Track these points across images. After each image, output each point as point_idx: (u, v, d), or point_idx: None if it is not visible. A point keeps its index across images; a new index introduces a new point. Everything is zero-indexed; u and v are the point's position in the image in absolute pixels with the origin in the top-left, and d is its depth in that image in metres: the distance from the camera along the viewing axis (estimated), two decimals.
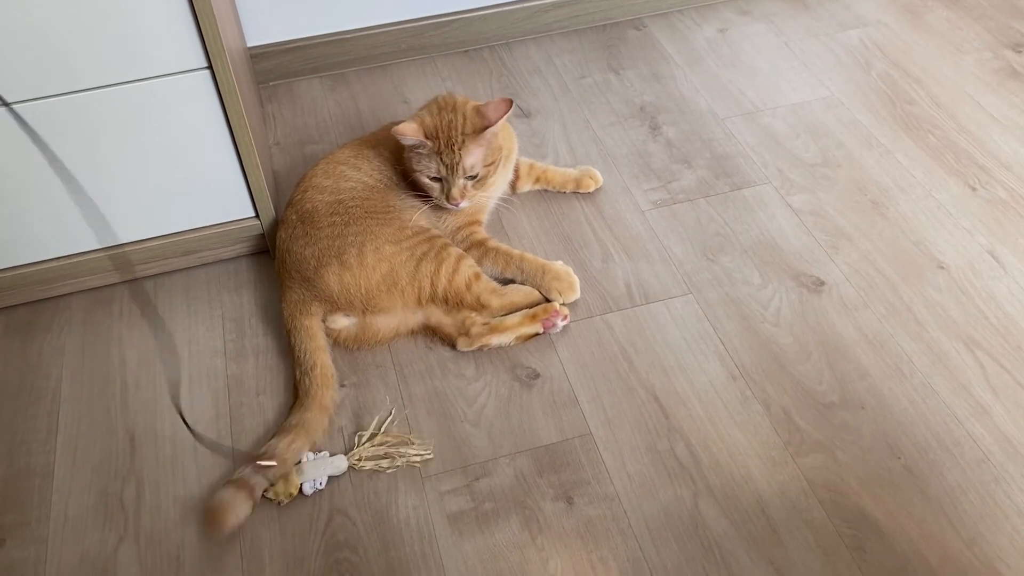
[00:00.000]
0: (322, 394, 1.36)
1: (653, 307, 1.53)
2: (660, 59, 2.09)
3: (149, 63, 1.32)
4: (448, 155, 1.46)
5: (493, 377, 1.43)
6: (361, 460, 1.32)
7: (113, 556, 1.23)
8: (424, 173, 1.49)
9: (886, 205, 1.70)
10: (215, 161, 1.47)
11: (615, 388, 1.41)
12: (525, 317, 1.47)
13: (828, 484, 1.28)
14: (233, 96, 1.39)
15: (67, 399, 1.42)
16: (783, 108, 1.94)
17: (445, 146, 1.46)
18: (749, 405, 1.38)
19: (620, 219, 1.70)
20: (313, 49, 2.03)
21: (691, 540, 1.23)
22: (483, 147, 1.49)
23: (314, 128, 1.93)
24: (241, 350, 1.49)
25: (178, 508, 1.28)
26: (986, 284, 1.55)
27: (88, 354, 1.49)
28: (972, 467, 1.30)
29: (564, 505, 1.27)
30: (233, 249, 1.63)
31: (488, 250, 1.56)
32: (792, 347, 1.46)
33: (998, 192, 1.71)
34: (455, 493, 1.29)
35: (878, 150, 1.82)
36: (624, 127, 1.90)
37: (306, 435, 1.31)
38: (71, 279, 1.56)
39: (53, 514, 1.28)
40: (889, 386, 1.40)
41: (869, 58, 2.06)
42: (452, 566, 1.21)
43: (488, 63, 2.10)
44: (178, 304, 1.56)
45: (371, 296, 1.43)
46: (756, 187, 1.75)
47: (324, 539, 1.24)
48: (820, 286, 1.55)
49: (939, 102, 1.93)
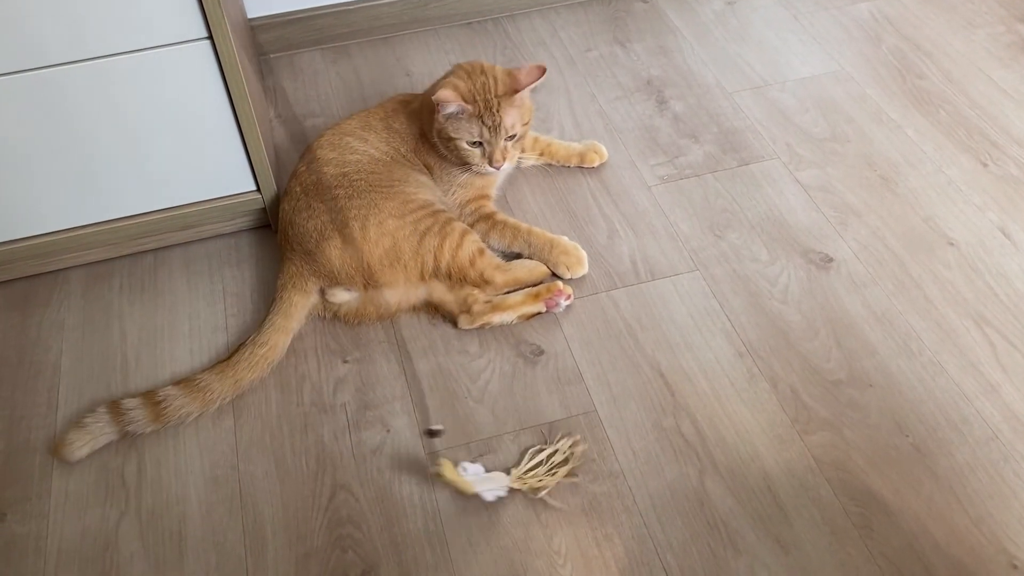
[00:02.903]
0: (245, 375, 1.36)
1: (659, 283, 1.52)
2: (667, 32, 2.05)
3: (148, 33, 1.29)
4: (489, 117, 1.45)
5: (497, 354, 1.42)
6: (524, 481, 1.25)
7: (115, 531, 1.22)
8: (464, 139, 1.47)
9: (896, 181, 1.68)
10: (216, 134, 1.45)
11: (620, 365, 1.40)
12: (528, 296, 1.46)
13: (835, 462, 1.27)
14: (234, 67, 1.36)
15: (67, 373, 1.41)
16: (792, 82, 1.91)
17: (485, 109, 1.45)
18: (756, 382, 1.37)
19: (626, 194, 1.67)
20: (315, 21, 2.00)
21: (697, 518, 1.22)
22: (517, 107, 1.48)
23: (315, 101, 1.91)
24: (242, 325, 1.47)
25: (179, 483, 1.27)
26: (996, 261, 1.53)
27: (88, 328, 1.47)
28: (981, 445, 1.28)
29: (569, 482, 1.26)
30: (234, 223, 1.61)
31: (496, 223, 1.55)
32: (800, 324, 1.44)
33: (1010, 168, 1.69)
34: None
35: (888, 125, 1.80)
36: (630, 101, 1.88)
37: (202, 401, 1.32)
38: (70, 253, 1.54)
39: (54, 490, 1.27)
40: (897, 363, 1.39)
41: (879, 32, 2.03)
42: (456, 542, 1.20)
43: (492, 35, 2.07)
44: (178, 279, 1.54)
45: (373, 270, 1.41)
46: (764, 162, 1.73)
47: (327, 515, 1.23)
48: (828, 263, 1.53)
49: (950, 77, 1.90)
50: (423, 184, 1.52)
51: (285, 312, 1.41)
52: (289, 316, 1.41)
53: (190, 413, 1.33)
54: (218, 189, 1.54)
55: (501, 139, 1.47)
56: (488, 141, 1.47)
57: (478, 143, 1.48)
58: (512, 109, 1.47)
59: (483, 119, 1.45)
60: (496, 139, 1.47)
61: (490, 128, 1.46)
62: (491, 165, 1.49)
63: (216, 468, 1.29)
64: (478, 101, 1.45)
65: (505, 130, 1.47)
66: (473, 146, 1.48)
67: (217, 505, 1.25)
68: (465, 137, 1.47)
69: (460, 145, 1.48)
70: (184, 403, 1.32)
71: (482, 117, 1.45)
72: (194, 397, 1.32)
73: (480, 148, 1.48)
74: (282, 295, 1.42)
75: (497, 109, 1.45)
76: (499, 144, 1.47)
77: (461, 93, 1.45)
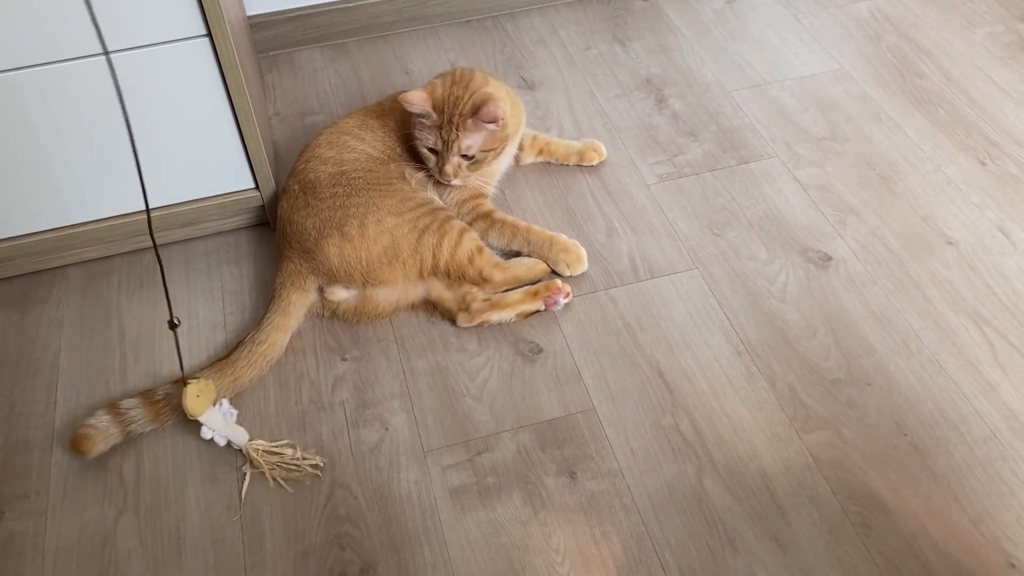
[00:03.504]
0: (244, 373, 1.36)
1: (658, 282, 1.52)
2: (667, 30, 2.05)
3: (145, 30, 1.29)
4: (447, 131, 1.45)
5: (496, 352, 1.42)
6: (259, 453, 1.29)
7: (113, 529, 1.22)
8: (422, 143, 1.48)
9: (895, 180, 1.68)
10: (214, 131, 1.45)
11: (619, 363, 1.40)
12: (526, 294, 1.46)
13: (833, 461, 1.27)
14: (232, 64, 1.36)
15: (65, 371, 1.41)
16: (791, 81, 1.91)
17: (446, 122, 1.45)
18: (754, 381, 1.37)
19: (625, 193, 1.67)
20: (314, 18, 2.00)
21: (695, 516, 1.22)
22: (483, 134, 1.47)
23: (314, 99, 1.90)
24: (241, 323, 1.47)
25: (178, 481, 1.27)
26: (995, 260, 1.53)
27: (86, 326, 1.47)
28: (979, 444, 1.28)
29: (567, 480, 1.26)
30: (233, 221, 1.61)
31: (494, 222, 1.54)
32: (798, 323, 1.44)
33: (1008, 167, 1.69)
34: (457, 468, 1.28)
35: (887, 124, 1.79)
36: (630, 99, 1.87)
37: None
38: (70, 250, 1.54)
39: (52, 487, 1.27)
40: (896, 362, 1.39)
41: (879, 31, 2.03)
42: (454, 540, 1.20)
43: (491, 33, 2.06)
44: (177, 276, 1.54)
45: (372, 268, 1.41)
46: (763, 161, 1.73)
47: (325, 513, 1.23)
48: (827, 261, 1.53)
49: (950, 76, 1.90)
50: (421, 182, 1.52)
51: (284, 310, 1.41)
52: (288, 314, 1.41)
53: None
54: (217, 187, 1.54)
55: (454, 156, 1.47)
56: (442, 153, 1.47)
57: (435, 151, 1.48)
58: (476, 133, 1.46)
59: (441, 131, 1.46)
60: (448, 154, 1.46)
61: (445, 142, 1.46)
62: (439, 176, 1.49)
63: (214, 466, 1.29)
64: (444, 113, 1.45)
65: (459, 149, 1.46)
66: (430, 152, 1.49)
67: (216, 503, 1.25)
68: (423, 142, 1.48)
69: (418, 146, 1.49)
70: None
71: (440, 129, 1.45)
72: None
73: (437, 156, 1.48)
74: (281, 293, 1.42)
75: (458, 127, 1.45)
76: (451, 160, 1.47)
77: (433, 99, 1.46)
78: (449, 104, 1.45)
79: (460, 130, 1.45)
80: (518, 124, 1.61)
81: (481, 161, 1.50)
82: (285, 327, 1.41)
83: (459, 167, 1.48)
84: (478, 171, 1.52)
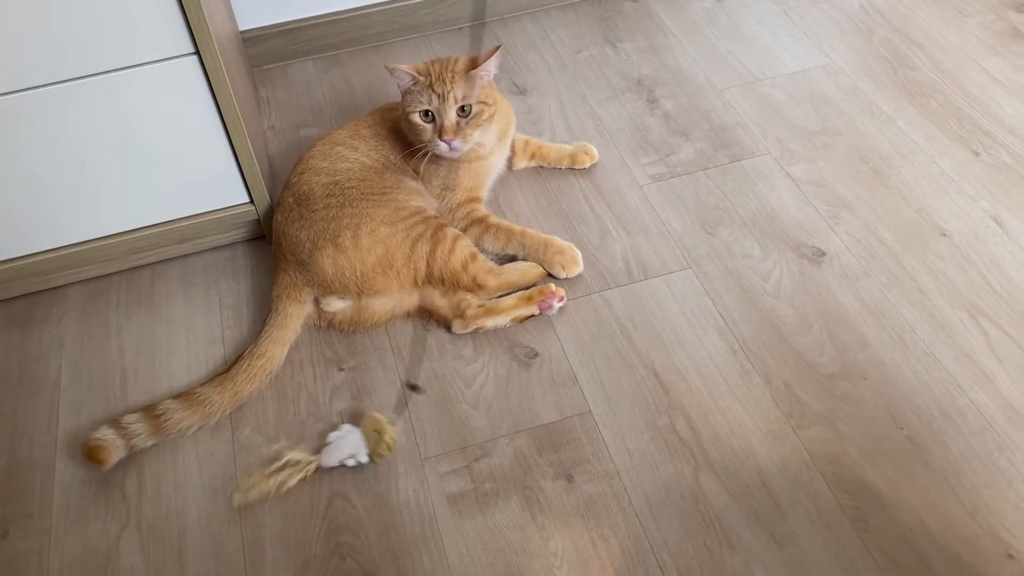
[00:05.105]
0: (244, 387, 1.37)
1: (652, 283, 1.52)
2: (657, 31, 2.06)
3: (133, 51, 1.30)
4: (439, 85, 1.46)
5: (491, 357, 1.43)
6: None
7: (116, 545, 1.24)
8: (417, 110, 1.47)
9: (888, 173, 1.68)
10: (206, 147, 1.46)
11: (614, 365, 1.40)
12: (521, 299, 1.46)
13: (830, 456, 1.27)
14: (222, 82, 1.38)
15: (67, 389, 1.42)
16: (783, 77, 1.91)
17: (436, 79, 1.46)
18: (749, 379, 1.37)
19: (618, 194, 1.68)
20: (306, 31, 2.02)
21: (692, 515, 1.22)
22: (472, 83, 1.48)
23: (308, 111, 1.92)
24: (239, 337, 1.48)
25: (179, 496, 1.28)
26: (990, 250, 1.52)
27: (87, 344, 1.49)
28: (975, 436, 1.28)
29: (564, 484, 1.27)
30: (229, 235, 1.62)
31: (489, 227, 1.55)
32: (793, 319, 1.45)
33: (1002, 156, 1.69)
34: (455, 474, 1.28)
35: (879, 117, 1.79)
36: (621, 101, 1.88)
37: (201, 414, 1.34)
38: (69, 269, 1.56)
39: (55, 505, 1.29)
40: (891, 356, 1.39)
41: (870, 24, 2.03)
42: (453, 547, 1.21)
43: (483, 40, 2.07)
44: (175, 292, 1.56)
45: (366, 278, 1.42)
46: (755, 158, 1.73)
47: (325, 522, 1.24)
48: (821, 257, 1.54)
49: (941, 67, 1.90)
50: (415, 191, 1.53)
51: (280, 323, 1.42)
52: (285, 327, 1.43)
53: (190, 426, 1.34)
54: (212, 202, 1.55)
55: (451, 109, 1.46)
56: (438, 111, 1.46)
57: (429, 114, 1.47)
58: (465, 83, 1.47)
59: (433, 87, 1.46)
60: (445, 108, 1.45)
61: (440, 96, 1.46)
62: (441, 138, 1.46)
63: (215, 479, 1.30)
64: (431, 75, 1.47)
65: (455, 99, 1.46)
66: (425, 118, 1.48)
67: (216, 516, 1.26)
68: (417, 108, 1.47)
69: (413, 120, 1.48)
70: (184, 416, 1.33)
71: (432, 86, 1.46)
72: (194, 410, 1.34)
73: (432, 124, 1.48)
74: (277, 306, 1.44)
75: (450, 80, 1.46)
76: (449, 114, 1.46)
77: (417, 69, 1.48)
78: (435, 68, 1.48)
79: (452, 82, 1.46)
80: (509, 119, 1.62)
81: (478, 115, 1.49)
82: (283, 340, 1.42)
83: (458, 124, 1.47)
84: (478, 129, 1.50)
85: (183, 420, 1.33)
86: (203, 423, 1.35)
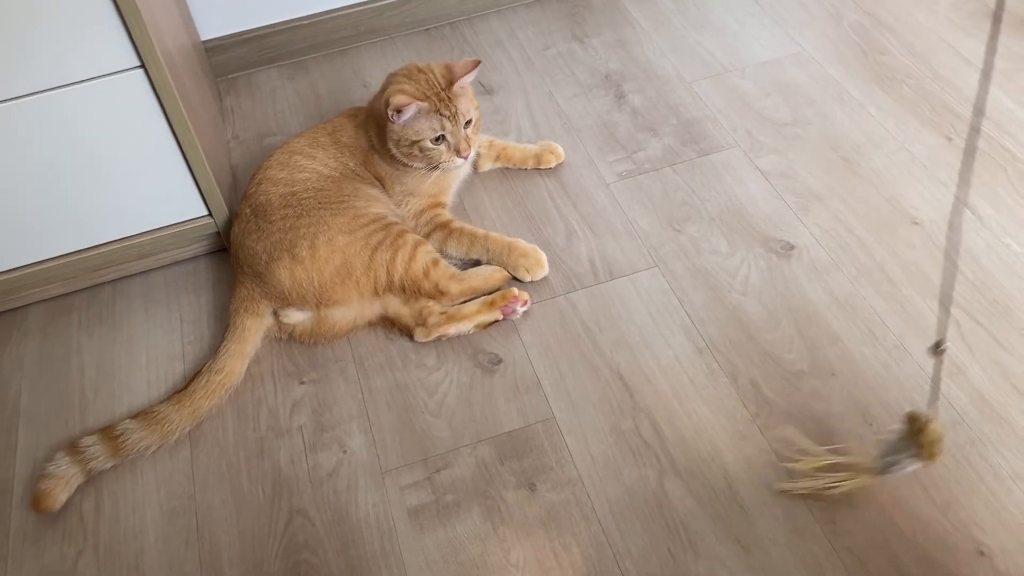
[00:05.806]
0: (202, 403, 1.35)
1: (618, 283, 1.49)
2: (625, 24, 2.03)
3: (75, 66, 1.28)
4: (445, 108, 1.45)
5: (455, 365, 1.40)
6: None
7: (72, 570, 1.22)
8: (427, 137, 1.46)
9: (858, 162, 1.65)
10: (159, 162, 1.44)
11: (579, 369, 1.38)
12: (483, 304, 1.44)
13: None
14: (170, 94, 1.35)
15: (26, 412, 1.40)
16: (752, 67, 1.88)
17: (439, 102, 1.45)
18: (716, 378, 1.34)
19: (584, 194, 1.65)
20: (270, 38, 1.99)
21: (656, 521, 1.20)
22: (463, 95, 1.48)
23: (272, 119, 1.89)
24: (199, 353, 1.46)
25: (136, 517, 1.26)
26: (962, 238, 1.49)
27: (47, 365, 1.47)
28: (947, 429, 1.25)
29: (526, 493, 1.24)
30: (191, 249, 1.60)
31: (452, 231, 1.53)
32: (760, 315, 1.42)
33: (975, 141, 1.65)
34: (416, 487, 1.26)
35: (850, 105, 1.76)
36: (588, 98, 1.85)
37: (160, 433, 1.32)
38: (30, 289, 1.53)
39: (12, 530, 1.27)
40: (861, 350, 1.36)
41: (840, 9, 1.99)
42: (412, 561, 1.19)
43: (450, 40, 2.05)
44: (137, 309, 1.54)
45: (325, 289, 1.40)
46: (724, 151, 1.70)
47: (283, 541, 1.22)
48: (790, 250, 1.51)
49: (913, 50, 1.86)
50: (374, 198, 1.51)
51: (239, 337, 1.40)
52: (243, 341, 1.40)
53: (149, 446, 1.32)
54: (170, 216, 1.53)
55: (461, 127, 1.47)
56: (451, 132, 1.46)
57: (440, 138, 1.47)
58: (460, 98, 1.47)
59: (440, 112, 1.45)
60: (457, 128, 1.46)
61: (449, 118, 1.45)
62: (459, 156, 1.48)
63: (173, 499, 1.28)
64: (430, 97, 1.45)
65: (462, 116, 1.47)
66: (437, 142, 1.47)
67: (174, 537, 1.24)
68: (427, 135, 1.46)
69: (424, 146, 1.46)
70: (143, 436, 1.31)
71: (439, 111, 1.45)
72: (152, 429, 1.32)
73: (444, 143, 1.47)
74: (235, 320, 1.41)
75: (450, 99, 1.45)
76: (461, 132, 1.47)
77: (413, 95, 1.44)
78: (428, 88, 1.46)
79: (453, 101, 1.46)
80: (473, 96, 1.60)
81: (476, 121, 1.52)
82: (242, 354, 1.40)
83: (467, 137, 1.49)
84: (476, 134, 1.53)
85: (142, 440, 1.31)
86: (162, 442, 1.33)
